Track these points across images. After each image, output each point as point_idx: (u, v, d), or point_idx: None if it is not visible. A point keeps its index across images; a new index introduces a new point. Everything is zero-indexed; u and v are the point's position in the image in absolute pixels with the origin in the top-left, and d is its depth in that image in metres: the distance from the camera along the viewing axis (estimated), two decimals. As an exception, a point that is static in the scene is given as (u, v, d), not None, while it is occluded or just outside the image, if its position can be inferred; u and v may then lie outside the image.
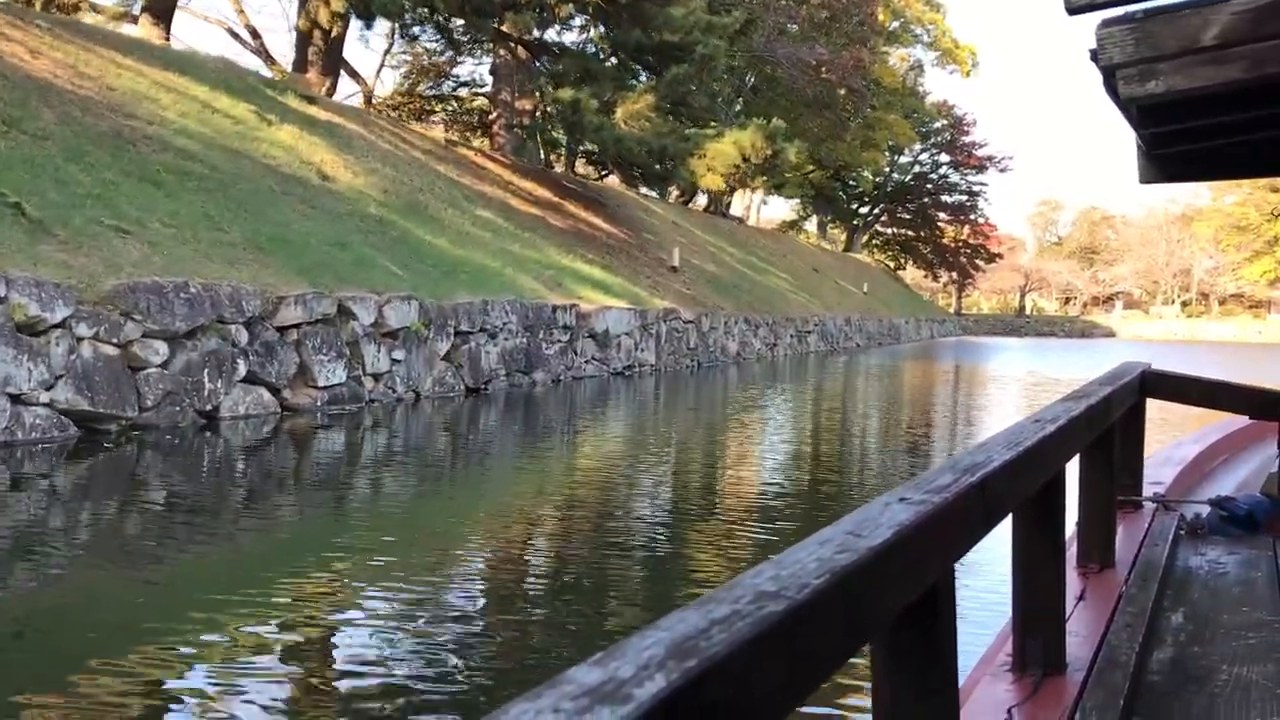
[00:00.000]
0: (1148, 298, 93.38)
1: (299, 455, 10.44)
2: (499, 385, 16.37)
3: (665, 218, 37.21)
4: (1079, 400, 2.81)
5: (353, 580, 5.59)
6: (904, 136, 62.74)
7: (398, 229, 17.47)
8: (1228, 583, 3.53)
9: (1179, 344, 59.59)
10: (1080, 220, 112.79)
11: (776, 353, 32.82)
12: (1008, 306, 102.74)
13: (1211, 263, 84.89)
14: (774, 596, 0.92)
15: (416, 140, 24.48)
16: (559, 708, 0.67)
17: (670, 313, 24.17)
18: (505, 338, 16.81)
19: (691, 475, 10.24)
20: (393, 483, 9.02)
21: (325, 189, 17.04)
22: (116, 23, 25.62)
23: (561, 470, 10.18)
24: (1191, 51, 2.59)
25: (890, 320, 54.09)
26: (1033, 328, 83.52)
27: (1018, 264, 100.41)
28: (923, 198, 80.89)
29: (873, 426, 15.16)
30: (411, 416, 13.22)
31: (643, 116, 24.55)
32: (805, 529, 4.51)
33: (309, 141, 18.41)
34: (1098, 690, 2.37)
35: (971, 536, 1.57)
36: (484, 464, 10.40)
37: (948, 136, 77.17)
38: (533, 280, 19.51)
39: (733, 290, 32.68)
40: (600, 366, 20.42)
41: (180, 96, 16.32)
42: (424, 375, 14.58)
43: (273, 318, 12.05)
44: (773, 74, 47.88)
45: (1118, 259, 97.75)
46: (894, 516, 1.25)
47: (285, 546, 6.65)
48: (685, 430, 13.90)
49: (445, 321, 15.07)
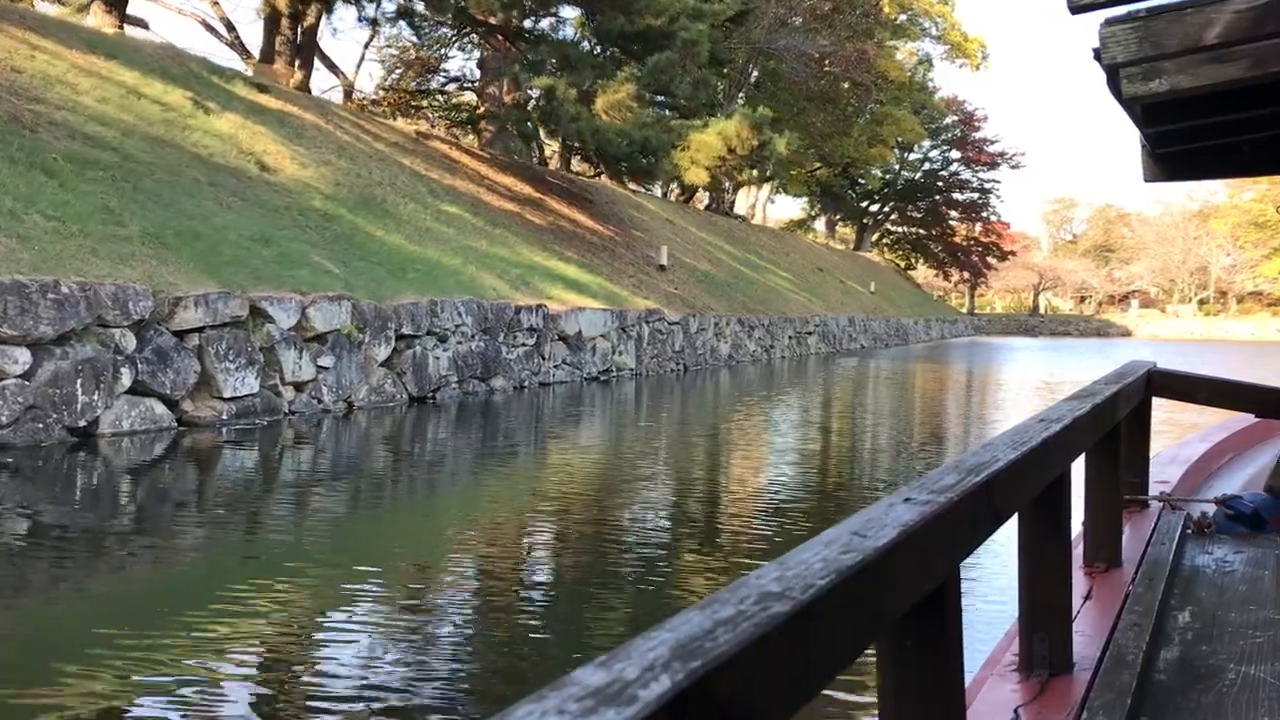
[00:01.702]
0: (1164, 296, 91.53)
1: (183, 478, 9.08)
2: (449, 393, 15.00)
3: (659, 215, 35.79)
4: (1085, 399, 2.78)
5: (191, 647, 4.21)
6: (912, 132, 61.04)
7: (344, 224, 16.13)
8: (1235, 581, 3.50)
9: (1197, 343, 57.77)
10: (1095, 218, 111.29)
11: (773, 355, 31.36)
12: (1022, 305, 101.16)
13: (1229, 260, 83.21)
14: (779, 597, 0.92)
15: (383, 132, 23.13)
16: (564, 709, 0.67)
17: (654, 313, 22.77)
18: (459, 341, 15.44)
19: (640, 501, 8.84)
20: (281, 512, 7.65)
21: (263, 181, 15.71)
22: (80, 15, 24.37)
23: (489, 496, 8.80)
24: (1194, 50, 2.60)
25: (898, 320, 52.52)
26: (1047, 327, 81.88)
27: (1032, 262, 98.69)
28: (933, 195, 79.45)
29: (861, 450, 13.74)
30: (339, 430, 11.87)
31: (624, 107, 23.12)
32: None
33: (252, 131, 17.08)
34: (1105, 690, 2.36)
35: (977, 536, 1.57)
36: (404, 487, 9.02)
37: (958, 133, 75.65)
38: (497, 279, 18.14)
39: (726, 290, 31.24)
40: (572, 371, 19.05)
41: (103, 81, 15.00)
42: (358, 383, 13.22)
43: (169, 320, 10.70)
44: (775, 68, 46.45)
45: (1133, 257, 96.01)
46: (899, 517, 1.26)
47: (137, 594, 5.31)
48: (642, 445, 12.51)
49: (384, 324, 13.71)
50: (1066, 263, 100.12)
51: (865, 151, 57.49)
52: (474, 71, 38.58)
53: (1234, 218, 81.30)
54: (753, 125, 23.01)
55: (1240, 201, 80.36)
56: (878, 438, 13.64)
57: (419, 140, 24.43)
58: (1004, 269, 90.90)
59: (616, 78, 23.29)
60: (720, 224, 44.23)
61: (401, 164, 21.30)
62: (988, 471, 1.59)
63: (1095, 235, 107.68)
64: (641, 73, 22.87)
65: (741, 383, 22.32)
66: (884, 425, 15.15)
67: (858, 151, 56.59)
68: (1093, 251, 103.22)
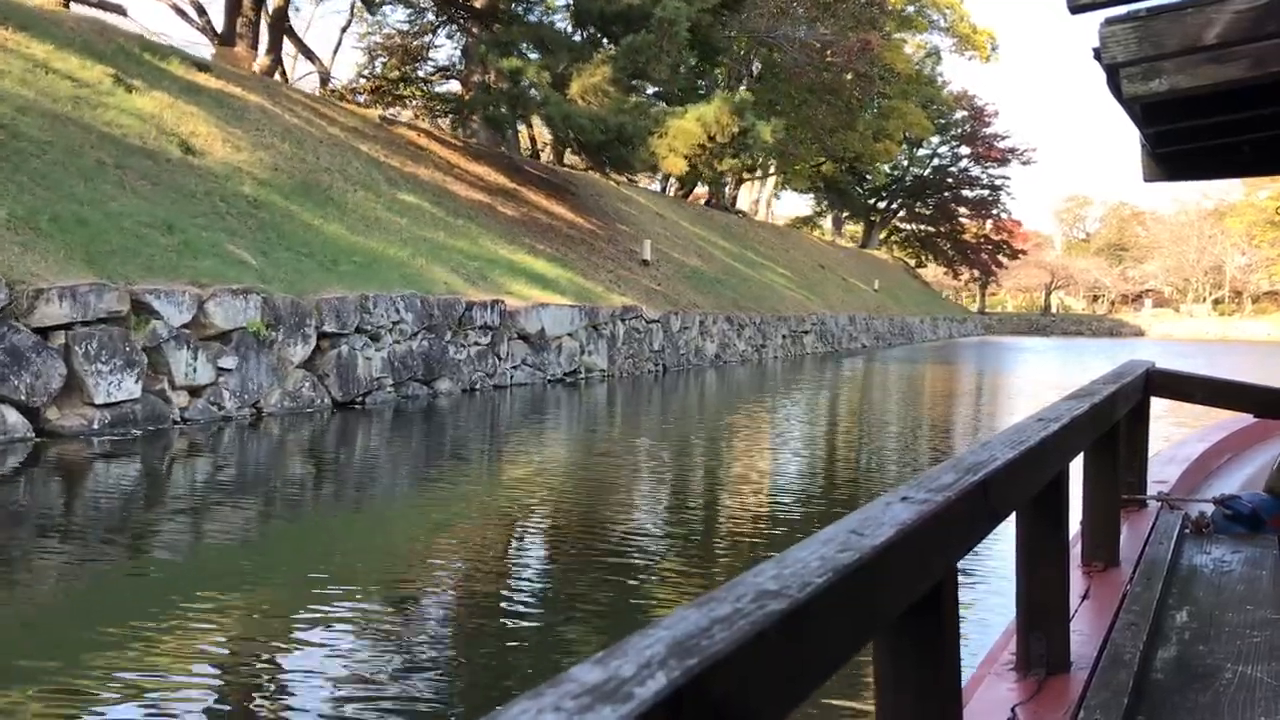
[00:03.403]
0: (1178, 295, 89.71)
1: (23, 497, 7.75)
2: (383, 397, 13.65)
3: (649, 209, 34.38)
4: (1083, 399, 2.76)
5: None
6: (919, 127, 59.35)
7: (274, 211, 14.78)
8: (1232, 581, 3.48)
9: (1211, 344, 56.03)
10: (1109, 216, 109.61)
11: (765, 355, 29.93)
12: (1033, 305, 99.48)
13: (1244, 259, 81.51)
14: (776, 595, 0.91)
15: (341, 117, 21.77)
16: (560, 706, 0.66)
17: (630, 310, 21.37)
18: (395, 340, 14.08)
19: (556, 541, 7.48)
20: (152, 540, 6.29)
21: (185, 164, 14.37)
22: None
23: (381, 526, 7.43)
24: (1194, 50, 2.60)
25: (903, 319, 51.00)
26: (1059, 327, 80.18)
27: (1044, 261, 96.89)
28: (943, 192, 77.81)
29: (838, 474, 12.36)
30: (240, 439, 10.53)
31: (600, 91, 21.69)
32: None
33: (181, 111, 15.75)
34: (1102, 689, 2.34)
35: (974, 535, 1.57)
36: (304, 510, 7.65)
37: (968, 128, 73.90)
38: (450, 273, 16.78)
39: (716, 286, 29.81)
40: (534, 373, 17.67)
41: (5, 54, 13.69)
42: (269, 387, 11.87)
43: (28, 316, 9.36)
44: (777, 59, 44.91)
45: (1147, 256, 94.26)
46: (896, 515, 1.25)
47: None
48: (580, 460, 11.13)
49: (303, 321, 12.35)
50: (1079, 261, 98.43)
51: (871, 146, 55.76)
52: (462, 60, 37.24)
53: (1250, 216, 79.54)
54: (733, 110, 21.50)
55: (1256, 200, 78.59)
56: (852, 462, 12.26)
57: (383, 126, 23.07)
58: (1016, 268, 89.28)
59: (593, 60, 21.87)
60: (717, 219, 42.80)
61: (358, 150, 19.95)
62: (985, 470, 1.58)
63: (1109, 234, 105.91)
64: (616, 54, 21.42)
65: (723, 385, 20.91)
66: (862, 445, 13.77)
67: (863, 146, 54.91)
68: (1106, 250, 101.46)
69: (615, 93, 21.74)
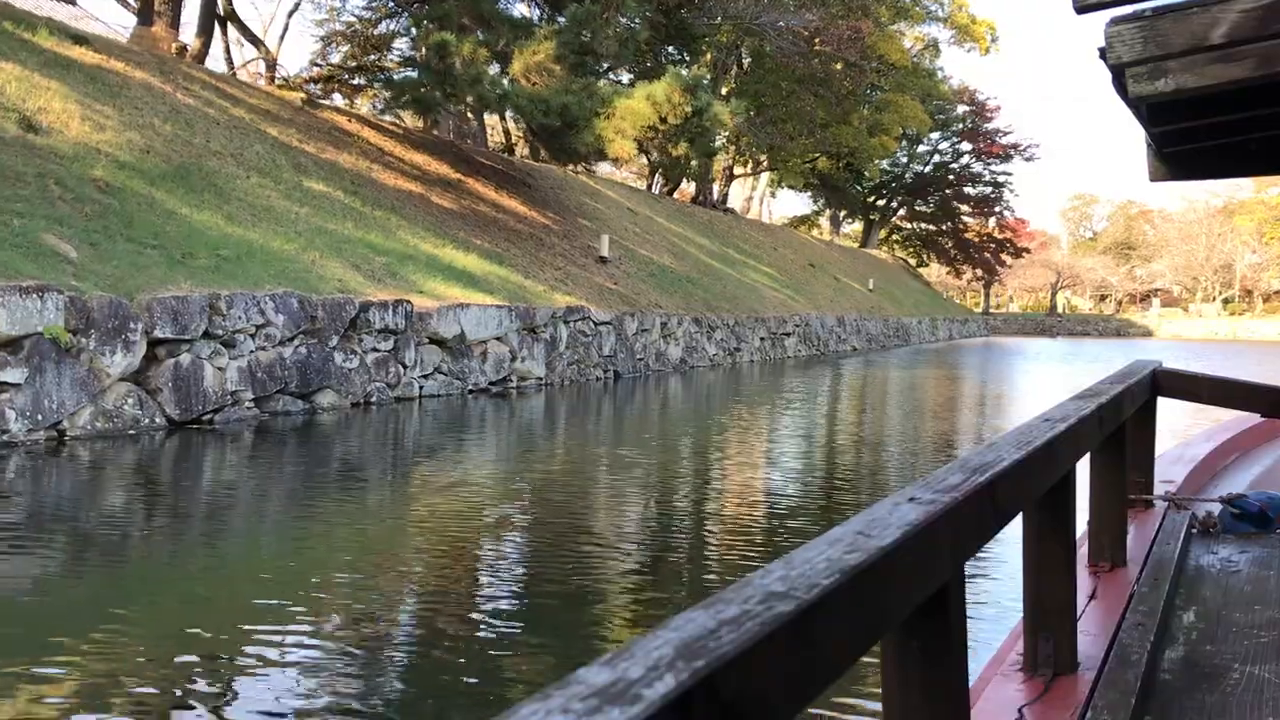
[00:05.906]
0: (1186, 295, 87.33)
1: None
2: (239, 414, 11.61)
3: (619, 204, 32.30)
4: (1090, 399, 2.72)
5: None
6: (916, 121, 57.15)
7: (129, 198, 12.77)
8: (1240, 581, 3.44)
9: (1222, 344, 53.74)
10: (1116, 215, 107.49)
11: (739, 359, 27.84)
12: (1039, 305, 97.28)
13: (1255, 258, 79.28)
14: (783, 597, 0.91)
15: (251, 98, 19.74)
16: (568, 708, 0.66)
17: (575, 311, 19.30)
18: (260, 346, 12.06)
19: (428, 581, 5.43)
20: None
21: (22, 142, 12.38)
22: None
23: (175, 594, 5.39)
24: (1200, 50, 2.58)
25: (899, 320, 48.84)
26: (1065, 327, 77.81)
27: (1050, 260, 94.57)
28: (944, 189, 75.76)
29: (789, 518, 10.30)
30: (23, 472, 8.51)
31: (544, 70, 19.65)
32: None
33: (33, 85, 13.75)
34: (1109, 689, 2.31)
35: (982, 536, 1.55)
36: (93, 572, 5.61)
37: (969, 123, 71.70)
38: (350, 269, 14.76)
39: (684, 285, 27.73)
40: (451, 382, 15.62)
41: None
42: (75, 405, 9.84)
43: None
44: (767, 50, 42.78)
45: (1155, 254, 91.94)
46: (903, 516, 1.23)
47: None
48: (467, 499, 9.09)
49: (125, 324, 10.32)
50: (1086, 260, 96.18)
51: (866, 141, 53.62)
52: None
53: (1260, 214, 77.29)
54: (684, 88, 19.37)
55: (1266, 197, 76.35)
56: (798, 503, 10.22)
57: (303, 108, 21.04)
58: (1021, 267, 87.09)
59: (535, 36, 19.81)
60: (699, 216, 40.73)
61: (263, 133, 17.93)
62: (992, 471, 1.57)
63: (1116, 232, 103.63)
64: (561, 29, 19.36)
65: (683, 394, 18.85)
66: (788, 487, 11.73)
67: (858, 141, 52.76)
68: (1113, 249, 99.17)
69: (560, 71, 19.68)
